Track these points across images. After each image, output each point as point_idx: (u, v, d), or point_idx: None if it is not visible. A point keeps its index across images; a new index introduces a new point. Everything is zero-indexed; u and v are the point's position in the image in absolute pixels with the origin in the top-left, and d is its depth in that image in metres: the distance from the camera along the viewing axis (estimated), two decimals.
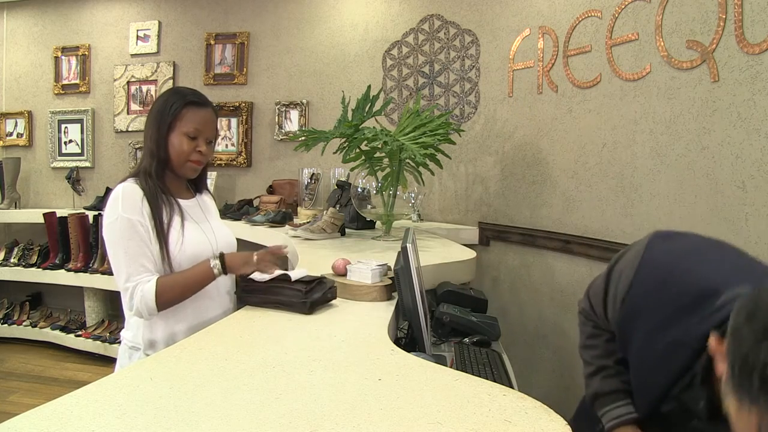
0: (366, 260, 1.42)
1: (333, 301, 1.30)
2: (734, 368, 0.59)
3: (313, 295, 1.20)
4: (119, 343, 1.36)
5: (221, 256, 1.28)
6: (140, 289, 1.20)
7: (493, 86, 2.86)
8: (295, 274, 1.23)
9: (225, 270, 1.27)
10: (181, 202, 1.34)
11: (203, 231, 1.36)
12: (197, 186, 1.46)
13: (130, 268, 1.20)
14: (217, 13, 3.64)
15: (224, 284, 1.38)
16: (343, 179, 2.91)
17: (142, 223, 1.22)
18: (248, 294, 1.26)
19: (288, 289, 1.21)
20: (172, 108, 1.30)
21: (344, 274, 1.40)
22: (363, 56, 3.31)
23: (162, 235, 1.24)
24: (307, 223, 2.44)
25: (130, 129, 3.79)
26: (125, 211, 1.21)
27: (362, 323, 1.13)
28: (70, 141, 3.94)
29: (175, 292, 1.23)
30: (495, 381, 0.97)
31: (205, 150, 1.33)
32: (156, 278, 1.21)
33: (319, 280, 1.26)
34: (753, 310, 0.59)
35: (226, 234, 1.44)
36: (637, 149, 2.00)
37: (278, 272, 1.24)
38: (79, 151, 3.93)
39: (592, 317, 1.05)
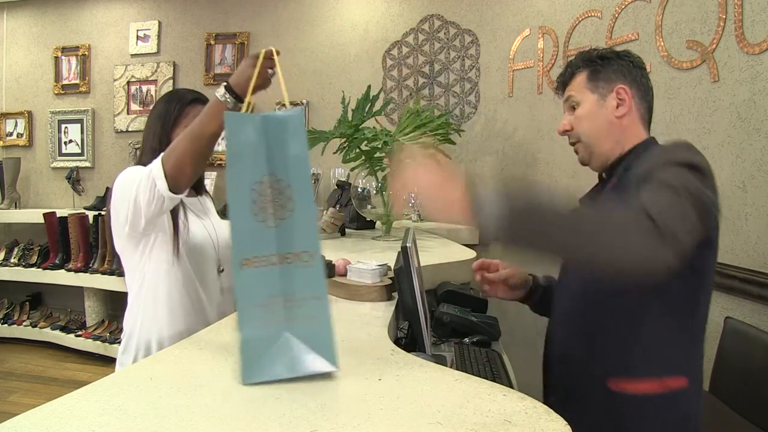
0: (366, 260, 1.42)
1: (333, 301, 1.30)
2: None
3: None
4: (119, 343, 1.36)
5: (227, 86, 1.07)
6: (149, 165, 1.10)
7: (493, 86, 2.86)
8: None
9: (234, 93, 1.06)
10: (183, 198, 1.35)
11: (204, 226, 1.37)
12: (197, 188, 1.47)
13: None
14: (217, 13, 3.64)
15: (224, 286, 1.39)
16: (343, 179, 2.91)
17: None
18: None
19: None
20: (176, 107, 1.32)
21: (344, 274, 1.39)
22: (363, 56, 3.31)
23: (174, 217, 1.26)
24: None
25: (130, 129, 3.79)
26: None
27: (362, 323, 1.13)
28: (70, 141, 3.94)
29: (185, 137, 1.07)
30: (495, 381, 0.97)
31: None
32: None
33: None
34: None
35: (227, 233, 1.44)
36: None
37: None
38: (79, 151, 3.93)
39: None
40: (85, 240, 3.60)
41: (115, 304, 3.72)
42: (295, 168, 0.75)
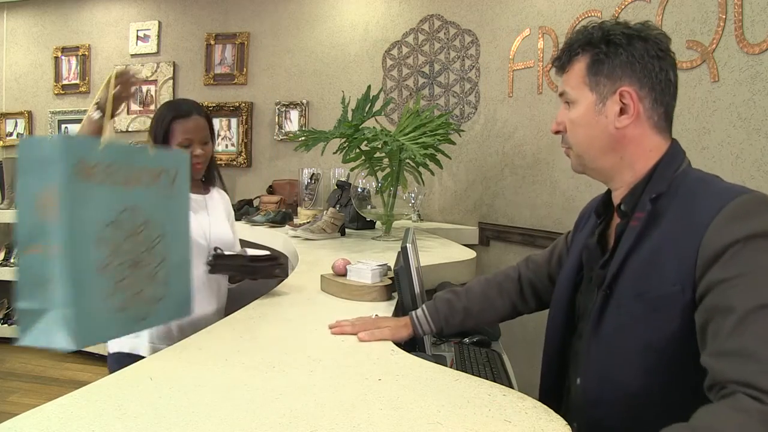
0: (366, 260, 1.42)
1: (333, 301, 1.30)
2: None
3: (258, 264, 1.34)
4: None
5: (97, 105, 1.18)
6: None
7: (493, 86, 2.86)
8: (252, 252, 1.39)
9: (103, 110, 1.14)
10: None
11: (199, 222, 1.40)
12: (206, 186, 1.55)
13: None
14: (217, 13, 3.64)
15: (217, 283, 1.41)
16: (343, 179, 2.91)
17: None
18: (218, 264, 1.34)
19: (242, 257, 1.34)
20: (162, 124, 1.39)
21: (344, 274, 1.40)
22: (363, 56, 3.32)
23: None
24: (307, 223, 2.44)
25: (130, 129, 3.79)
26: None
27: None
28: None
29: None
30: (495, 381, 0.97)
31: (201, 152, 1.41)
32: None
33: (272, 257, 1.37)
34: None
35: (223, 231, 1.49)
36: None
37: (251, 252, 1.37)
38: None
39: None
40: None
41: None
42: (62, 179, 0.86)
